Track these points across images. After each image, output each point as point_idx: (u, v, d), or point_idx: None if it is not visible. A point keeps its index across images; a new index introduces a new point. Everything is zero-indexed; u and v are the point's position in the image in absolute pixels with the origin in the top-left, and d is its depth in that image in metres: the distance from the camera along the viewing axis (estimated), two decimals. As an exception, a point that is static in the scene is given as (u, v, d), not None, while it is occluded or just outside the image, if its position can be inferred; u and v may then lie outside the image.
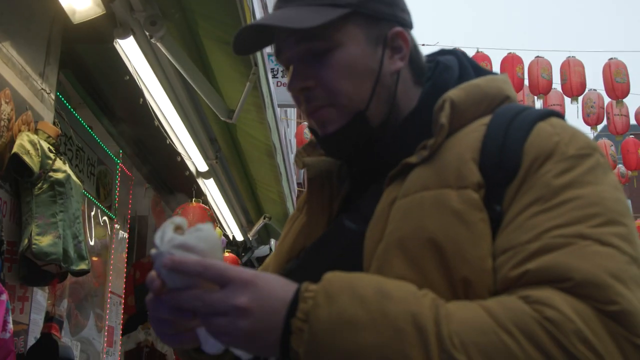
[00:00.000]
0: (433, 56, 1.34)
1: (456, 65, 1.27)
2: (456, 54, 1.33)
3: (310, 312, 0.92)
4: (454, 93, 1.14)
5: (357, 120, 1.19)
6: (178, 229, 1.00)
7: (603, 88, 11.59)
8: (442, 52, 1.36)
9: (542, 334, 0.86)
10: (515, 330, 0.87)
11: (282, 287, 0.96)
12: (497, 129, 1.09)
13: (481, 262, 0.98)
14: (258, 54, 4.06)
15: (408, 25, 1.27)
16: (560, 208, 0.97)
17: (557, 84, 11.56)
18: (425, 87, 1.24)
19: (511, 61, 11.33)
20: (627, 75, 11.32)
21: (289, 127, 18.59)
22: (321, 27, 1.15)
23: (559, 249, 0.93)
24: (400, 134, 1.21)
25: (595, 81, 11.75)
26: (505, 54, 11.61)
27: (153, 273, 0.98)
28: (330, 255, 1.17)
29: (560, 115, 1.14)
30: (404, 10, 1.27)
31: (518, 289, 0.93)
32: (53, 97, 4.01)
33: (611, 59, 11.44)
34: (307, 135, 13.18)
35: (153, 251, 0.98)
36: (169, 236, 0.98)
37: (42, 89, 3.85)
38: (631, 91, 11.56)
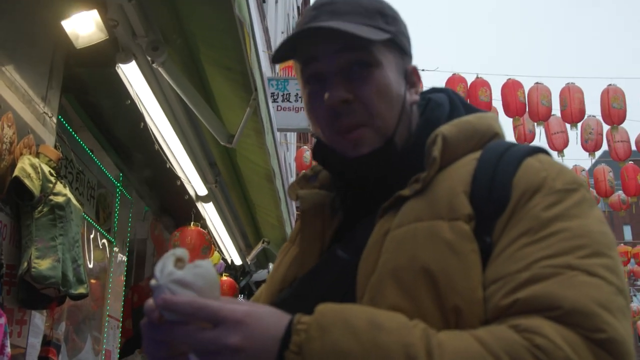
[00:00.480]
0: (425, 94, 1.39)
1: (447, 103, 1.32)
2: (447, 92, 1.38)
3: (303, 345, 0.93)
4: (445, 128, 1.19)
5: (388, 145, 1.21)
6: (179, 261, 1.01)
7: (600, 114, 11.64)
8: (434, 90, 1.41)
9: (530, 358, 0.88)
10: (506, 359, 0.89)
11: (274, 324, 0.97)
12: (487, 164, 1.13)
13: (472, 292, 1.01)
14: (258, 78, 4.09)
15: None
16: (549, 239, 1.00)
17: (556, 110, 11.62)
18: (419, 123, 1.28)
19: (512, 86, 11.38)
20: (624, 101, 11.38)
21: (289, 150, 18.61)
22: (371, 43, 1.19)
23: (547, 279, 0.96)
24: (398, 168, 1.22)
25: (593, 107, 11.82)
26: (503, 79, 11.67)
27: (151, 302, 0.99)
28: (322, 284, 1.18)
29: (548, 153, 1.18)
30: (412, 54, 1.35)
31: (508, 318, 0.95)
32: (55, 120, 4.04)
33: (610, 85, 11.50)
34: (307, 159, 13.21)
35: (153, 282, 0.99)
36: (169, 269, 0.99)
37: (44, 112, 3.88)
38: (630, 117, 11.61)
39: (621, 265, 1.02)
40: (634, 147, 12.65)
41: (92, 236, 5.37)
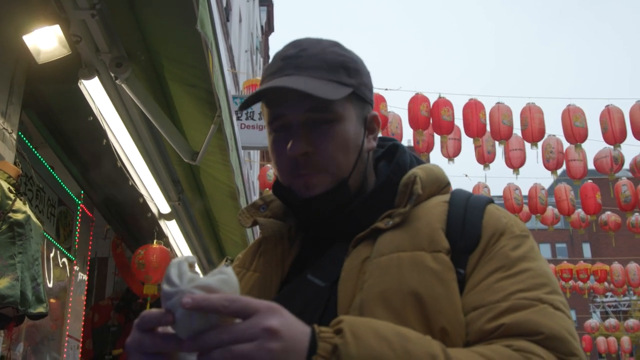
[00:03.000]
0: (379, 141, 1.55)
1: (404, 150, 1.48)
2: (397, 141, 1.54)
3: (341, 350, 0.99)
4: (417, 171, 1.35)
5: (340, 187, 1.33)
6: (191, 266, 1.01)
7: (562, 133, 11.83)
8: (383, 139, 1.56)
9: None
10: None
11: (299, 321, 1.02)
12: (458, 207, 1.32)
13: (456, 315, 1.15)
14: (222, 96, 4.08)
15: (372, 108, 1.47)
16: (520, 276, 1.19)
17: (517, 129, 11.78)
18: (392, 166, 1.41)
19: (474, 107, 11.51)
20: (585, 120, 11.59)
21: (252, 169, 18.58)
22: (334, 101, 1.30)
23: (526, 309, 1.13)
24: (368, 205, 1.35)
25: (553, 127, 12.00)
26: (465, 99, 11.81)
27: (155, 311, 1.00)
28: (294, 308, 1.17)
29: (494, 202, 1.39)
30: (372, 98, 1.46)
31: (495, 340, 1.11)
32: (15, 136, 3.97)
33: (570, 105, 11.71)
34: (270, 177, 13.19)
35: (167, 288, 0.98)
36: (189, 276, 0.99)
37: (4, 128, 3.81)
38: (589, 137, 11.83)
39: None
40: (591, 166, 12.88)
41: (52, 254, 5.28)
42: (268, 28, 29.49)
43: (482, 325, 1.13)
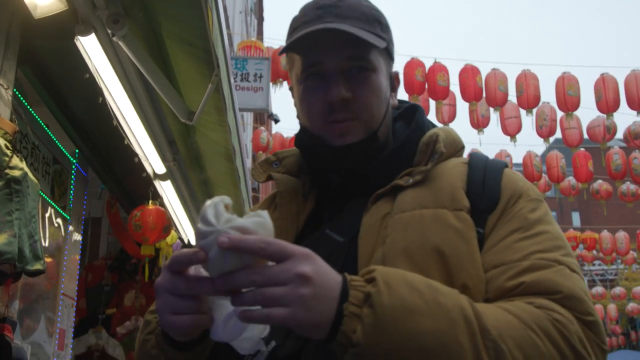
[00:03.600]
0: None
1: (423, 110, 1.54)
2: (415, 103, 1.58)
3: (373, 298, 1.01)
4: (439, 131, 1.40)
5: (371, 138, 1.38)
6: (227, 207, 1.03)
7: (555, 101, 11.84)
8: (400, 101, 1.59)
9: (554, 331, 1.07)
10: (536, 328, 1.07)
11: (331, 269, 1.06)
12: (477, 168, 1.36)
13: (477, 272, 1.20)
14: (221, 55, 4.04)
15: None
16: (538, 237, 1.24)
17: (512, 96, 11.79)
18: (412, 125, 1.45)
19: (471, 72, 11.50)
20: (578, 89, 11.59)
21: (245, 131, 18.50)
22: (371, 49, 1.36)
23: (545, 269, 1.17)
24: (389, 162, 1.39)
25: (547, 95, 12.00)
26: (460, 65, 11.78)
27: (186, 251, 1.02)
28: None
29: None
30: None
31: (515, 297, 1.15)
32: (10, 93, 3.92)
33: (564, 73, 11.69)
34: (264, 140, 13.17)
35: (202, 227, 1.00)
36: (226, 216, 1.00)
37: (0, 84, 3.77)
38: (583, 105, 11.84)
39: None
40: (585, 135, 12.91)
41: (47, 214, 5.27)
42: (263, -10, 29.17)
43: (503, 283, 1.18)
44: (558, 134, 12.70)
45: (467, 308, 1.05)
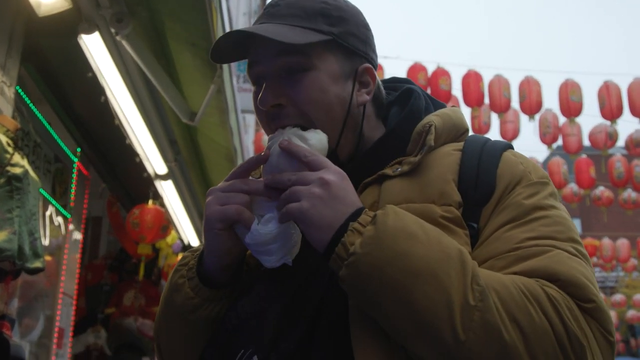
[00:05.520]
0: (390, 83, 1.52)
1: (421, 95, 1.43)
2: (411, 83, 1.49)
3: (378, 218, 1.07)
4: (434, 119, 1.30)
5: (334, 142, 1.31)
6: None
7: (558, 107, 11.86)
8: (397, 80, 1.53)
9: (547, 301, 1.03)
10: (527, 293, 1.04)
11: (356, 195, 1.16)
12: (471, 156, 1.27)
13: None
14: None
15: (374, 65, 1.39)
16: (532, 224, 1.16)
17: (514, 102, 11.81)
18: (404, 113, 1.36)
19: (473, 77, 11.52)
20: (581, 95, 11.62)
21: (247, 133, 18.50)
22: (304, 46, 1.24)
23: (537, 256, 1.11)
24: (375, 153, 1.33)
25: (550, 102, 12.02)
26: (463, 70, 11.82)
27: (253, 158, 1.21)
28: (300, 253, 1.23)
29: (513, 147, 1.37)
30: (374, 51, 1.41)
31: None
32: (13, 90, 3.93)
33: (567, 79, 11.71)
34: (265, 142, 13.16)
35: (275, 132, 1.24)
36: (294, 128, 1.23)
37: (3, 81, 3.77)
38: (585, 112, 11.87)
39: None
40: (586, 142, 12.91)
41: (47, 212, 5.26)
42: (266, -8, 29.25)
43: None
44: (560, 141, 12.71)
45: (465, 253, 1.07)
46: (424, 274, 1.02)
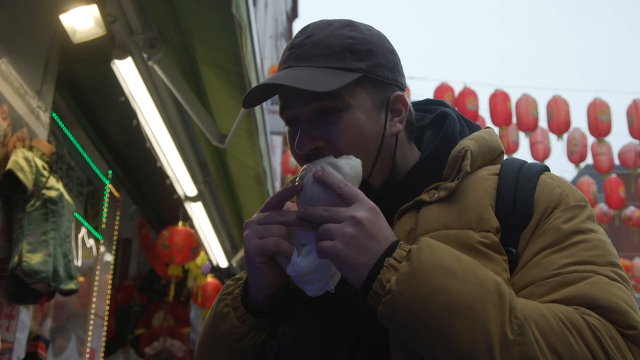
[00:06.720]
0: (423, 105, 1.51)
1: (455, 118, 1.41)
2: (447, 105, 1.48)
3: (413, 253, 1.06)
4: (469, 143, 1.29)
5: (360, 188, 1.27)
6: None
7: (586, 126, 11.78)
8: (431, 102, 1.51)
9: (587, 331, 1.02)
10: (567, 322, 1.03)
11: (390, 229, 1.14)
12: (508, 180, 1.26)
13: None
14: (254, 79, 4.10)
15: (403, 88, 1.37)
16: (572, 249, 1.15)
17: (541, 122, 11.75)
18: (438, 138, 1.35)
19: (501, 97, 11.51)
20: (610, 114, 11.53)
21: (274, 154, 18.60)
22: (339, 89, 1.23)
23: (577, 282, 1.10)
24: (412, 179, 1.33)
25: (577, 120, 11.95)
26: (490, 90, 11.81)
27: (284, 190, 1.21)
28: (338, 283, 1.23)
29: (549, 169, 1.34)
30: (402, 74, 1.38)
31: None
32: (48, 115, 4.02)
33: (596, 98, 11.64)
34: (293, 163, 13.22)
35: (305, 166, 1.22)
36: (328, 156, 1.22)
37: (38, 106, 3.86)
38: (614, 131, 11.76)
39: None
40: (616, 161, 12.79)
41: (80, 234, 5.33)
42: (293, 14, 29.42)
43: (536, 300, 1.10)
44: (589, 160, 12.60)
45: (502, 285, 1.05)
46: (461, 309, 1.02)
